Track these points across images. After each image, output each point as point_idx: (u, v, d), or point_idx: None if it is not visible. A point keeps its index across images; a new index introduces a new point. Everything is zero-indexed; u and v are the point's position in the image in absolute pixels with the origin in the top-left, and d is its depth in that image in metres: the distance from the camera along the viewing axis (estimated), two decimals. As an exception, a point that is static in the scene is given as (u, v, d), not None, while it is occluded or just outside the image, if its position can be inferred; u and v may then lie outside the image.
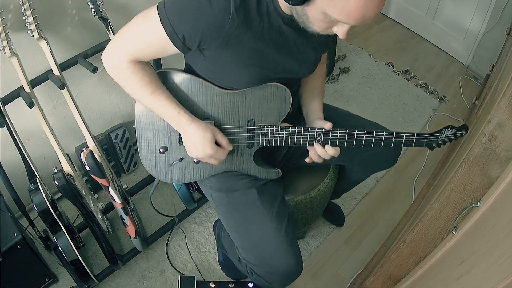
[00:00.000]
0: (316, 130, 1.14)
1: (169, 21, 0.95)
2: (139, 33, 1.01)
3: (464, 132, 1.15)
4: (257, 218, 1.20)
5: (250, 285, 1.60)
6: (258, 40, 1.01)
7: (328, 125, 1.14)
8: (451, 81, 2.76)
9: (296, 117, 1.31)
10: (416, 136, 1.15)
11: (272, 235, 1.19)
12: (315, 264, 1.77)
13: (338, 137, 1.14)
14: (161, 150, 1.20)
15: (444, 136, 1.16)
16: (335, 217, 1.90)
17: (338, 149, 1.16)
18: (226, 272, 1.69)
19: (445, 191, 1.32)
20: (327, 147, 1.15)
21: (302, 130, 1.15)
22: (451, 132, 1.15)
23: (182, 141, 1.15)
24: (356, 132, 1.14)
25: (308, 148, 1.21)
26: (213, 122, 1.15)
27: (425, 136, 1.15)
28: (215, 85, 1.12)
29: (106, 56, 1.05)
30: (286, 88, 1.13)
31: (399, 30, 3.15)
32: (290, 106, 1.15)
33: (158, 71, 1.12)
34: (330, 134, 1.14)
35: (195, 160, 1.20)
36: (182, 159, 1.21)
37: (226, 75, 1.09)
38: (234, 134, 1.17)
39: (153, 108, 1.09)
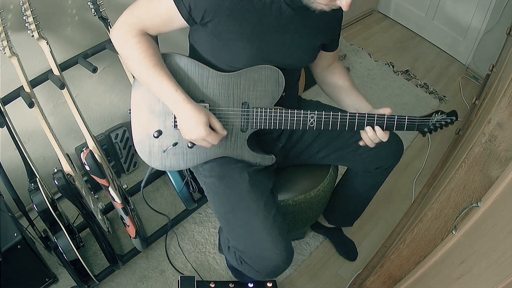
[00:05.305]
0: (309, 112, 1.17)
1: None
2: (148, 3, 1.08)
3: (454, 118, 1.17)
4: (246, 204, 1.22)
5: (250, 285, 1.59)
6: (260, 16, 1.06)
7: (386, 110, 1.16)
8: (451, 81, 2.76)
9: (292, 107, 1.31)
10: (408, 118, 1.17)
11: (260, 220, 1.20)
12: (315, 264, 1.77)
13: (330, 120, 1.16)
14: (155, 134, 1.20)
15: (434, 120, 1.18)
16: (348, 252, 1.82)
17: (388, 132, 1.17)
18: (235, 275, 1.67)
19: (445, 191, 1.32)
20: (377, 128, 1.16)
21: (296, 112, 1.17)
22: (442, 117, 1.18)
23: (177, 125, 1.16)
24: (348, 114, 1.16)
25: (361, 132, 1.22)
26: (208, 104, 1.16)
27: (416, 119, 1.18)
28: (212, 67, 1.14)
29: (116, 27, 1.10)
30: (279, 70, 1.15)
31: (399, 30, 3.15)
32: (283, 89, 1.17)
33: None
34: (323, 116, 1.16)
35: (189, 144, 1.21)
36: (176, 143, 1.21)
37: (228, 49, 1.12)
38: (229, 117, 1.19)
39: (151, 83, 1.10)
